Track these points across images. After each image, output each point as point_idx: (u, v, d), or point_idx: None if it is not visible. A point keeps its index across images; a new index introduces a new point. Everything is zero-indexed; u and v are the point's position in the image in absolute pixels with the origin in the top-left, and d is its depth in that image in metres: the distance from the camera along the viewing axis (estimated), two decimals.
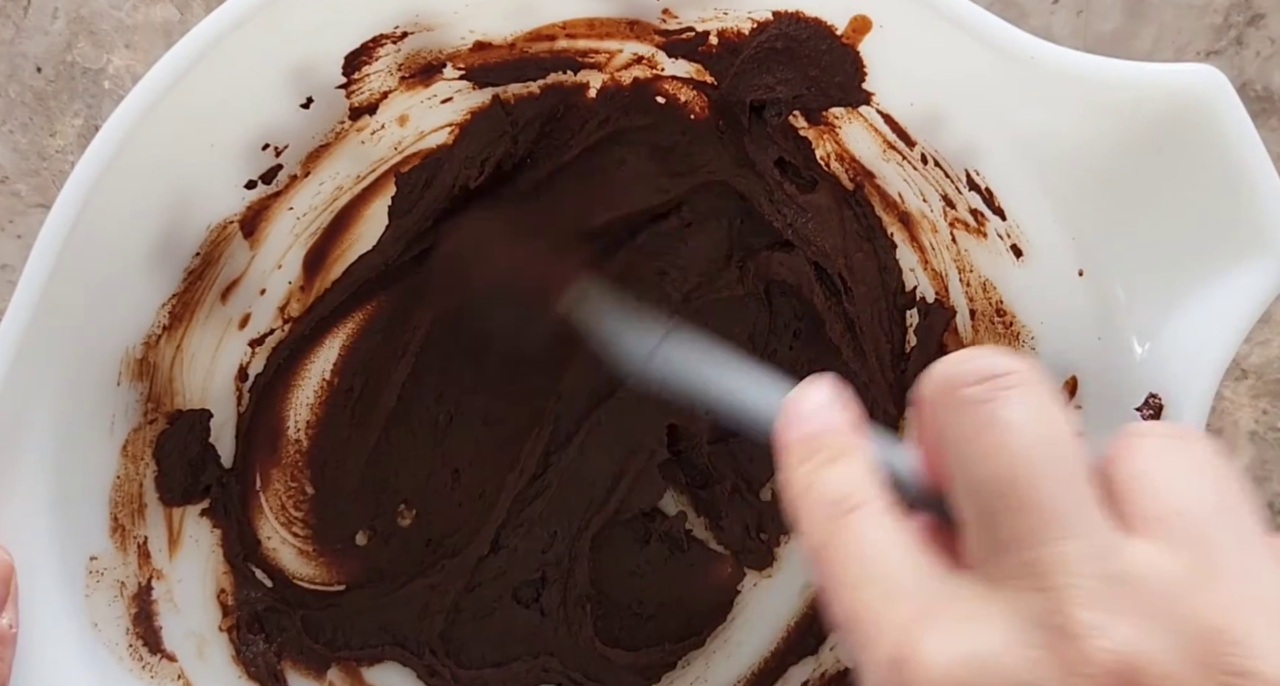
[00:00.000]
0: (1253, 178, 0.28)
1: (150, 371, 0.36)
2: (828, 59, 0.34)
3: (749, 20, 0.34)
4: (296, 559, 0.43)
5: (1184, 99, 0.28)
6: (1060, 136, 0.31)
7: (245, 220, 0.36)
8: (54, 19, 0.44)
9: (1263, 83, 0.45)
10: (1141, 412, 0.31)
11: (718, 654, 0.44)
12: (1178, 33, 0.45)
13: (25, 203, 0.44)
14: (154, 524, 0.37)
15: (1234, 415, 0.46)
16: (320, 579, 0.43)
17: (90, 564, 0.33)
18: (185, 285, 0.36)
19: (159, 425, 0.37)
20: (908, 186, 0.38)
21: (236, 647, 0.39)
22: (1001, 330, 0.37)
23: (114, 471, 0.35)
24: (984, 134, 0.33)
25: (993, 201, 0.34)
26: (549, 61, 0.37)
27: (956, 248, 0.38)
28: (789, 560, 0.44)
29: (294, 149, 0.36)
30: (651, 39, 0.36)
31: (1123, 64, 0.29)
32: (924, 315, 0.40)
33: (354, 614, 0.42)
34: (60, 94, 0.44)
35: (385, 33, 0.34)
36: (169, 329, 0.36)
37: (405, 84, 0.36)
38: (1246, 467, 0.46)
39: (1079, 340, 0.34)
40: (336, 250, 0.41)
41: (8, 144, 0.44)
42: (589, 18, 0.35)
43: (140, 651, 0.35)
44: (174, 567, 0.37)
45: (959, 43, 0.30)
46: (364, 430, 0.43)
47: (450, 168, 0.39)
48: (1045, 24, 0.45)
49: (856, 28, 0.32)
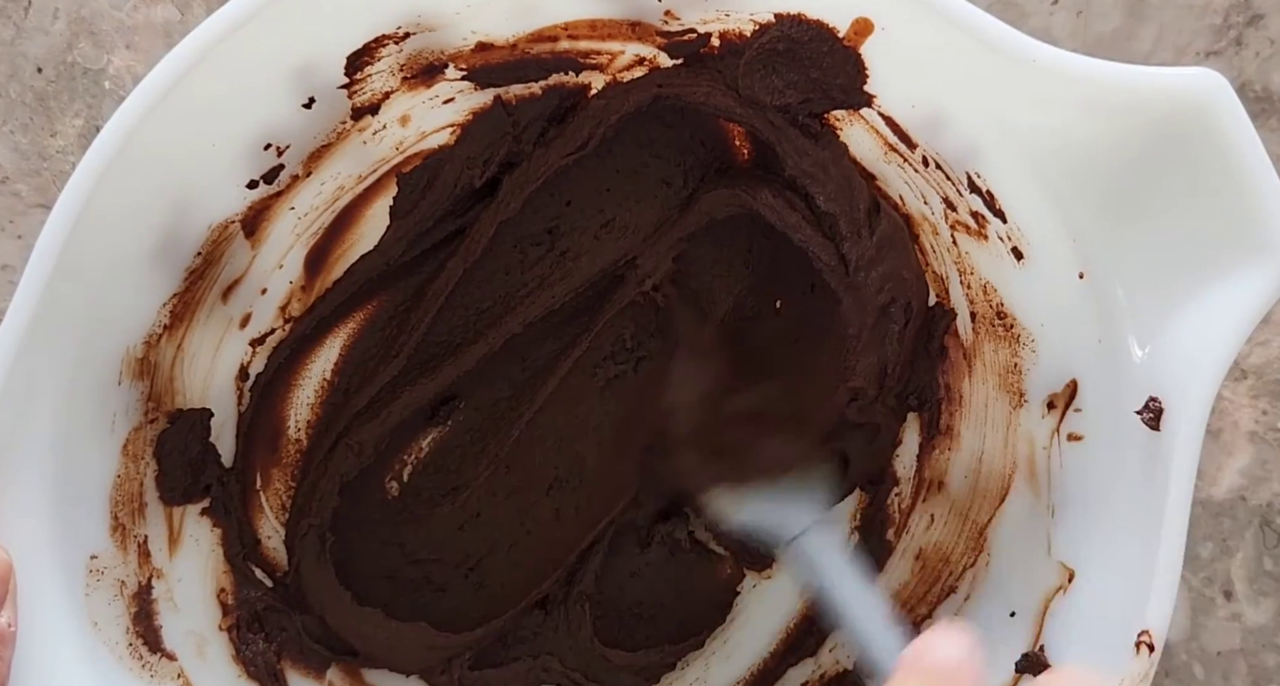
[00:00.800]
0: (1253, 180, 0.28)
1: (151, 370, 0.36)
2: (829, 61, 0.34)
3: (751, 22, 0.34)
4: None
5: (1184, 101, 0.28)
6: (1061, 139, 0.31)
7: (246, 220, 0.36)
8: (55, 19, 0.44)
9: (1262, 83, 0.45)
10: (1141, 415, 0.31)
11: (717, 655, 0.44)
12: (1177, 33, 0.45)
13: (25, 203, 0.44)
14: (154, 523, 0.37)
15: (1234, 415, 0.46)
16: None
17: (90, 563, 0.33)
18: (186, 284, 0.36)
19: (159, 424, 0.37)
20: (909, 189, 0.38)
21: (236, 647, 0.39)
22: (1002, 332, 0.37)
23: (114, 470, 0.35)
24: (985, 136, 0.33)
25: (994, 204, 0.34)
26: (551, 62, 0.37)
27: (957, 250, 0.38)
28: (788, 562, 0.44)
29: (296, 149, 0.36)
30: (653, 40, 0.36)
31: (1124, 67, 0.29)
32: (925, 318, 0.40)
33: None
34: (61, 94, 0.44)
35: (387, 33, 0.34)
36: (170, 328, 0.36)
37: (407, 84, 0.36)
38: (1246, 468, 0.46)
39: (1079, 342, 0.34)
40: (338, 250, 0.41)
41: (8, 144, 0.44)
42: (591, 19, 0.35)
43: (140, 650, 0.35)
44: (174, 567, 0.37)
45: (960, 45, 0.30)
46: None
47: (452, 168, 0.39)
48: (1045, 24, 0.45)
49: (858, 30, 0.32)
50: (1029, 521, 0.37)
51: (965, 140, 0.34)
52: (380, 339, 0.42)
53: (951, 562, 0.40)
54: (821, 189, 0.38)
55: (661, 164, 0.41)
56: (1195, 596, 0.46)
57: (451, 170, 0.39)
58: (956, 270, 0.38)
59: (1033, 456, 0.37)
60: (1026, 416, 0.37)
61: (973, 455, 0.40)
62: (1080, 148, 0.31)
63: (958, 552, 0.40)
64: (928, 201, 0.37)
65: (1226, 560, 0.46)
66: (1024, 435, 0.37)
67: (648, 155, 0.41)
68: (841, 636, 0.42)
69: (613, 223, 0.42)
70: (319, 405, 0.42)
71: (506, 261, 0.42)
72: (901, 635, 0.27)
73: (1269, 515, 0.46)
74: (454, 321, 0.42)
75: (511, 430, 0.43)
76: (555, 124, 0.39)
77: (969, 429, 0.40)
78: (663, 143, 0.41)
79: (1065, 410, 0.35)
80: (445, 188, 0.40)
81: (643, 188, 0.42)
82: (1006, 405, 0.38)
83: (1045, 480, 0.36)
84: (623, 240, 0.42)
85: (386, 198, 0.40)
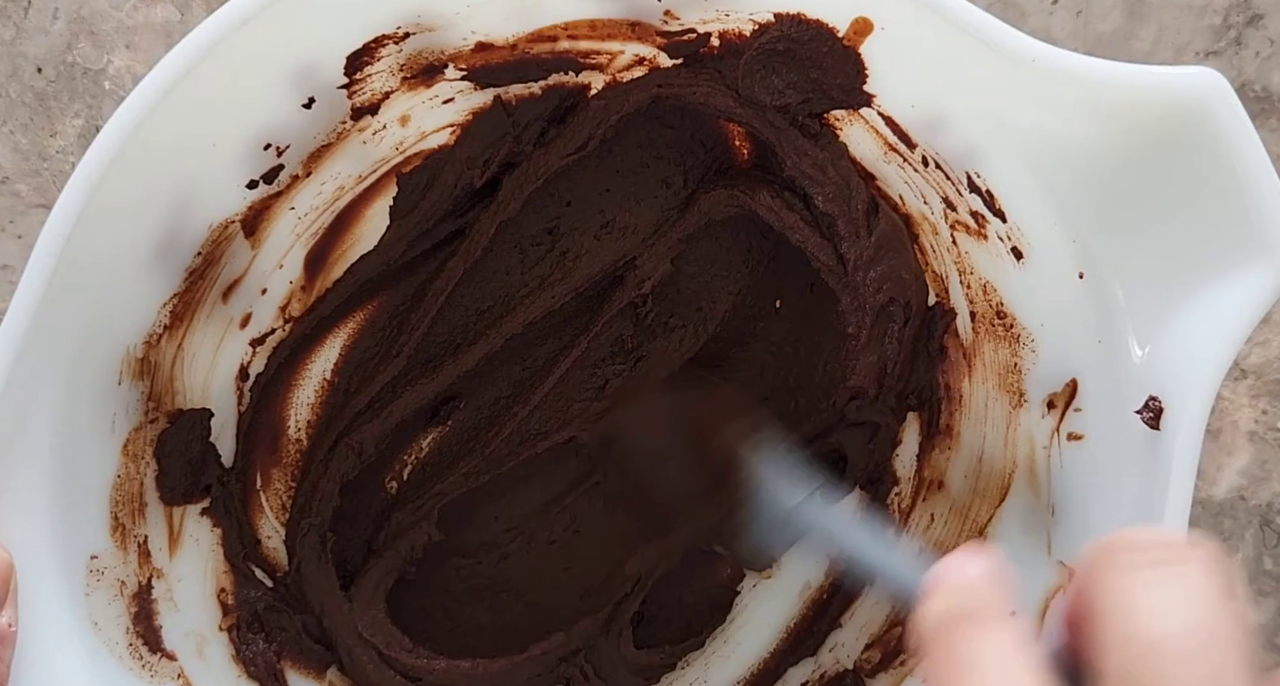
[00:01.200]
0: (1253, 181, 0.28)
1: (151, 370, 0.36)
2: (829, 61, 0.34)
3: (750, 22, 0.34)
4: None
5: (1185, 102, 0.28)
6: (1061, 139, 0.31)
7: (246, 220, 0.36)
8: (54, 19, 0.44)
9: (1262, 83, 0.45)
10: (1141, 415, 0.31)
11: (717, 655, 0.44)
12: (1177, 33, 0.45)
13: (25, 203, 0.44)
14: (154, 523, 0.37)
15: (1233, 415, 0.46)
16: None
17: (90, 562, 0.33)
18: (186, 285, 0.36)
19: (160, 424, 0.37)
20: (908, 188, 0.38)
21: (236, 647, 0.39)
22: (1002, 332, 0.37)
23: (115, 470, 0.35)
24: (985, 136, 0.33)
25: (993, 203, 0.34)
26: (551, 62, 0.37)
27: (957, 250, 0.38)
28: (788, 562, 0.45)
29: (295, 149, 0.36)
30: (653, 40, 0.36)
31: (1124, 67, 0.29)
32: (924, 317, 0.40)
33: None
34: (61, 94, 0.44)
35: (387, 33, 0.34)
36: (170, 328, 0.36)
37: (407, 84, 0.36)
38: (1246, 468, 0.46)
39: (1079, 342, 0.34)
40: (337, 250, 0.41)
41: (8, 144, 0.44)
42: (591, 19, 0.35)
43: (140, 650, 0.35)
44: (174, 566, 0.37)
45: (960, 45, 0.30)
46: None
47: (452, 168, 0.39)
48: (1044, 24, 0.45)
49: (858, 30, 0.32)
50: (1029, 521, 0.37)
51: (965, 140, 0.34)
52: (380, 339, 0.43)
53: None
54: (820, 189, 0.38)
55: (661, 164, 0.42)
56: None
57: (452, 170, 0.39)
58: (956, 270, 0.38)
59: (1033, 456, 0.37)
60: (1026, 416, 0.37)
61: (973, 455, 0.40)
62: (1080, 147, 0.31)
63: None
64: (927, 201, 0.37)
65: (1226, 560, 0.46)
66: (1024, 435, 0.37)
67: (647, 156, 0.41)
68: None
69: (612, 223, 0.42)
70: (319, 405, 0.42)
71: (507, 262, 0.42)
72: (931, 563, 0.27)
73: (1269, 515, 0.46)
74: (454, 321, 0.43)
75: (509, 429, 0.43)
76: (555, 124, 0.39)
77: (969, 428, 0.40)
78: (662, 143, 0.41)
79: (1065, 410, 0.35)
80: (445, 188, 0.40)
81: (642, 188, 0.42)
82: (1006, 405, 0.38)
83: (1045, 480, 0.36)
84: (622, 240, 0.42)
85: (386, 198, 0.40)
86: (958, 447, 0.41)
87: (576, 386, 0.44)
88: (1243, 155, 0.28)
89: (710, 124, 0.40)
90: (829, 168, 0.38)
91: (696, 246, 0.42)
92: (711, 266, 0.43)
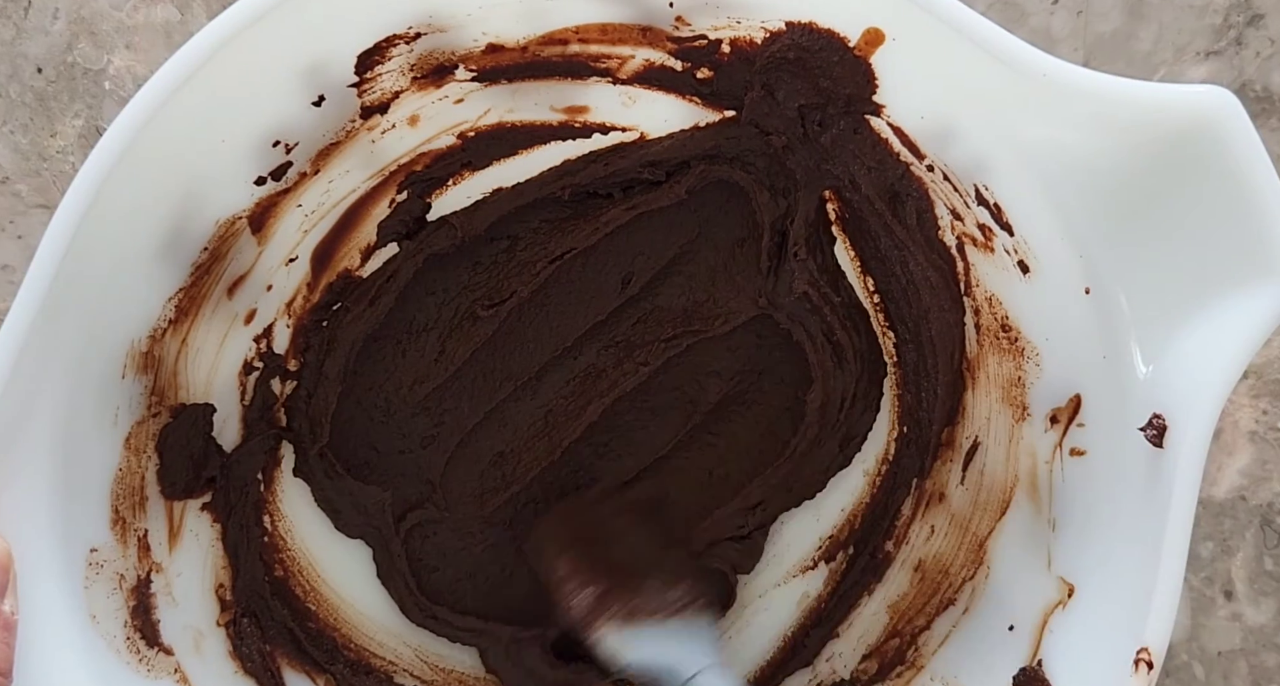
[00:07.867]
0: (1262, 199, 0.28)
1: (155, 365, 0.36)
2: (839, 71, 0.34)
3: (762, 30, 0.34)
4: None
5: (1195, 120, 0.28)
6: (1070, 153, 0.31)
7: (254, 216, 0.37)
8: (55, 20, 0.44)
9: (1262, 83, 0.45)
10: (1145, 432, 0.31)
11: None
12: (1177, 33, 0.45)
13: (26, 203, 0.44)
14: (155, 517, 0.37)
15: (1234, 415, 0.46)
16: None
17: (90, 556, 0.34)
18: (192, 280, 0.36)
19: (162, 418, 0.37)
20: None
21: (233, 642, 0.39)
22: (1006, 345, 0.37)
23: (116, 464, 0.35)
24: (994, 149, 0.33)
25: (1001, 217, 0.34)
26: (561, 65, 0.37)
27: (964, 262, 0.38)
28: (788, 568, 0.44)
29: (304, 146, 0.36)
30: (664, 46, 0.36)
31: (1134, 83, 0.29)
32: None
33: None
34: (61, 94, 0.44)
35: (398, 33, 0.34)
36: (175, 323, 0.36)
37: (417, 84, 0.36)
38: (1246, 467, 0.46)
39: (1084, 357, 0.34)
40: (343, 248, 0.41)
41: (8, 144, 0.44)
42: (602, 23, 0.35)
43: (138, 644, 0.35)
44: (173, 561, 0.37)
45: (971, 58, 0.30)
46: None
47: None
48: (1045, 24, 0.45)
49: (869, 40, 0.32)
50: (1030, 535, 0.37)
51: (974, 152, 0.34)
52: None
53: (951, 575, 0.40)
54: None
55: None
56: (1195, 596, 0.46)
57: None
58: (962, 282, 0.38)
59: (1035, 470, 0.37)
60: (1029, 430, 0.37)
61: (974, 467, 0.40)
62: (1089, 162, 0.30)
63: (957, 565, 0.40)
64: (936, 212, 0.37)
65: (1227, 560, 0.46)
66: (1026, 448, 0.37)
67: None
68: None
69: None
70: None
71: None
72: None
73: (1269, 515, 0.46)
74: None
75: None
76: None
77: (971, 441, 0.40)
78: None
79: (1068, 425, 0.35)
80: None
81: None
82: (1009, 418, 0.38)
83: (1047, 494, 0.36)
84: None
85: (393, 196, 0.40)
86: (959, 460, 0.40)
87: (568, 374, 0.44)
88: (1252, 175, 0.28)
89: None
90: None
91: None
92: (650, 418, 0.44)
